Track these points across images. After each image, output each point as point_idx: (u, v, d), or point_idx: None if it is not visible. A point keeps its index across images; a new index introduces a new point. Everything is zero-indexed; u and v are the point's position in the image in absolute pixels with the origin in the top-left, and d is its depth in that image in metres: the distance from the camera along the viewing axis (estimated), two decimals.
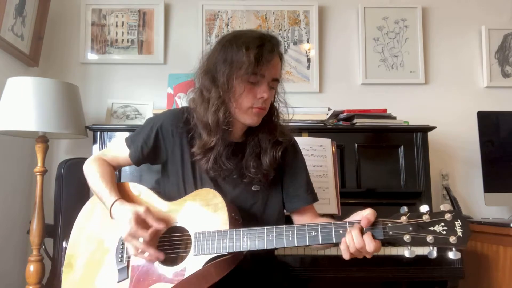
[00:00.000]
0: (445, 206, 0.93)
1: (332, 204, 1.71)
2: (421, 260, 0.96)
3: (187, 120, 1.23)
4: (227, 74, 1.13)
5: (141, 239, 1.09)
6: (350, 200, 1.83)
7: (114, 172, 1.31)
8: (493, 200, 2.06)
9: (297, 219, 1.30)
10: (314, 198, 1.31)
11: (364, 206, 1.85)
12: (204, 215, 1.13)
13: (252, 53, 1.10)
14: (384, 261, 1.56)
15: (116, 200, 1.16)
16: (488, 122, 2.12)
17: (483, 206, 2.12)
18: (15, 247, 2.09)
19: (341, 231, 0.99)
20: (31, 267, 1.84)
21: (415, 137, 1.95)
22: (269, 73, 1.15)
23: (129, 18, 2.40)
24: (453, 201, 2.15)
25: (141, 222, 1.10)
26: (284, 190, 1.29)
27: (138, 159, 1.27)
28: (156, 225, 1.11)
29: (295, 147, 1.34)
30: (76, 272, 1.21)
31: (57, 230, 1.86)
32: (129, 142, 1.29)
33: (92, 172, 1.25)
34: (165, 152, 1.26)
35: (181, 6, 2.43)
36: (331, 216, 1.73)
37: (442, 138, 2.30)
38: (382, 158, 1.97)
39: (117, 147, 1.33)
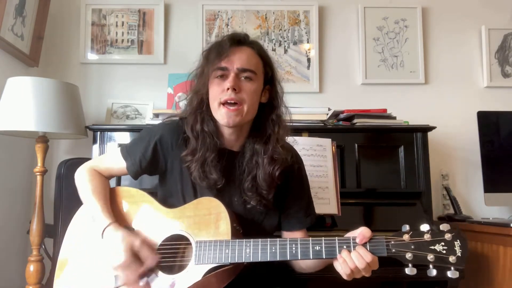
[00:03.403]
0: (444, 226, 0.97)
1: (332, 204, 1.71)
2: None
3: (185, 131, 1.21)
4: (198, 81, 1.20)
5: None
6: (350, 200, 1.83)
7: (108, 184, 1.27)
8: (493, 200, 2.06)
9: (287, 235, 1.28)
10: (312, 220, 1.29)
11: (364, 206, 1.87)
12: (206, 224, 1.11)
13: (212, 52, 1.16)
14: (384, 261, 1.56)
15: (109, 224, 1.13)
16: (488, 122, 2.12)
17: (483, 206, 2.12)
18: (15, 247, 2.09)
19: (345, 247, 1.00)
20: (31, 267, 1.84)
21: (415, 137, 1.95)
22: (231, 64, 1.13)
23: (129, 18, 2.40)
24: (453, 201, 2.14)
25: (135, 254, 1.09)
26: (283, 211, 1.26)
27: (137, 173, 1.24)
28: (150, 262, 1.09)
29: (301, 171, 1.29)
30: (70, 277, 1.19)
31: (57, 230, 1.85)
32: (125, 153, 1.25)
33: (83, 186, 1.22)
34: (164, 164, 1.23)
35: (181, 6, 2.43)
36: (331, 216, 1.74)
37: (442, 138, 2.30)
38: (382, 158, 1.97)
39: (112, 158, 1.29)
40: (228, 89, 1.11)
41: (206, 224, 1.11)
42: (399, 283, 1.91)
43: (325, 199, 1.71)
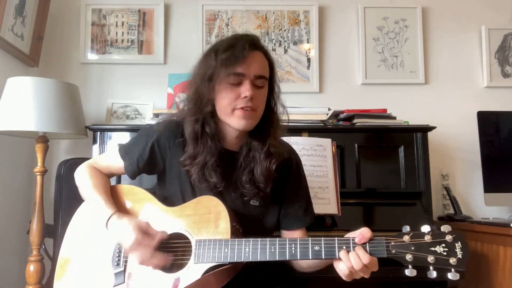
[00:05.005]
0: (445, 227, 0.95)
1: (332, 204, 1.71)
2: None
3: (183, 132, 1.20)
4: (205, 83, 1.13)
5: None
6: (350, 200, 1.83)
7: (109, 180, 1.27)
8: (493, 200, 2.06)
9: (286, 234, 1.28)
10: (311, 219, 1.29)
11: (364, 206, 1.87)
12: (205, 222, 1.12)
13: (224, 55, 1.10)
14: (384, 261, 1.56)
15: (112, 214, 1.14)
16: (488, 122, 2.12)
17: (483, 206, 2.12)
18: (15, 247, 2.09)
19: (344, 247, 0.99)
20: (31, 267, 1.84)
21: (415, 137, 1.95)
22: (248, 70, 1.11)
23: (129, 18, 2.40)
24: (453, 201, 2.14)
25: (144, 232, 1.10)
26: (282, 209, 1.26)
27: (134, 172, 1.24)
28: (160, 235, 1.10)
29: (298, 166, 1.30)
30: (70, 275, 1.18)
31: (57, 230, 1.85)
32: (123, 153, 1.24)
33: (84, 182, 1.22)
34: (161, 163, 1.23)
35: (181, 6, 2.43)
36: (331, 216, 1.74)
37: (442, 138, 2.30)
38: (382, 158, 1.98)
39: (110, 157, 1.29)
40: (245, 97, 1.10)
41: (205, 223, 1.12)
42: (399, 283, 1.91)
43: (325, 199, 1.71)
